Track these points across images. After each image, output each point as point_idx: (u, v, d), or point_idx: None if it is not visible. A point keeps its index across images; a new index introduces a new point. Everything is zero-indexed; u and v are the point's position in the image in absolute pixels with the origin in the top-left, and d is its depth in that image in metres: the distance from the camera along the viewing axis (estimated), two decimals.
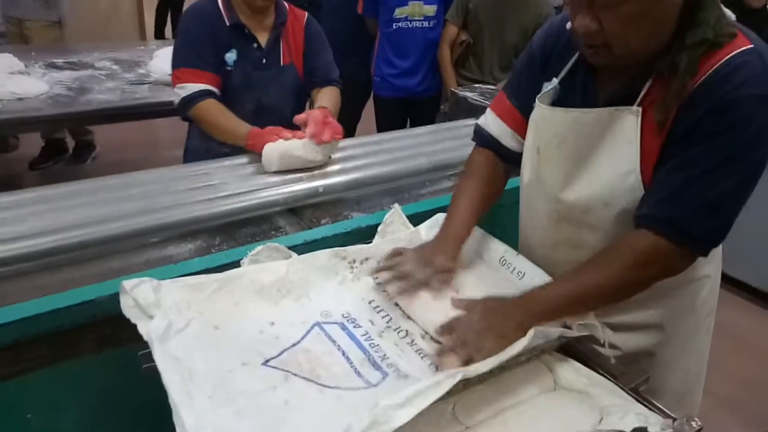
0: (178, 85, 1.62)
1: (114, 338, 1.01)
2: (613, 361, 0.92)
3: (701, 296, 1.11)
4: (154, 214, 1.25)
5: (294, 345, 0.85)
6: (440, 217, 1.21)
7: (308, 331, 0.88)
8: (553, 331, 0.88)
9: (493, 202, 1.14)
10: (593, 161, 0.95)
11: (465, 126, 1.96)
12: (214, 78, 1.64)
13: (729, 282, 2.71)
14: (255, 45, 1.70)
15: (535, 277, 1.02)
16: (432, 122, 2.31)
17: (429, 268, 0.98)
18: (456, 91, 2.09)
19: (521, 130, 1.10)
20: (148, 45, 2.94)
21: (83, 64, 2.58)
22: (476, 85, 2.27)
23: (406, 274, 0.97)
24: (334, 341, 0.86)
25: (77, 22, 3.95)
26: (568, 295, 0.88)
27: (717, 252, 1.11)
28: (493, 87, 2.31)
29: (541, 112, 1.02)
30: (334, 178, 1.49)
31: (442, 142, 1.79)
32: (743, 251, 2.52)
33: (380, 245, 1.09)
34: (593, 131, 0.93)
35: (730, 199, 0.86)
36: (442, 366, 0.82)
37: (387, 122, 2.85)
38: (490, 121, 1.15)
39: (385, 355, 0.86)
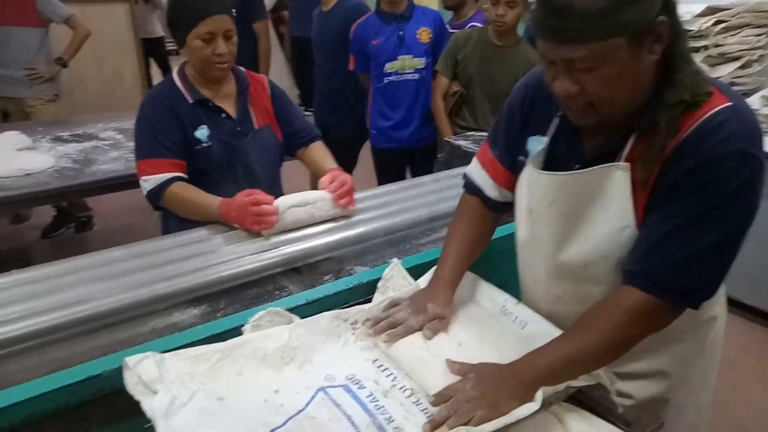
0: (143, 177, 1.59)
1: (122, 411, 1.00)
2: (621, 410, 0.91)
3: (710, 338, 1.10)
4: (157, 284, 1.26)
5: (299, 412, 0.84)
6: None
7: (312, 397, 0.88)
8: (560, 385, 0.87)
9: (484, 246, 1.18)
10: (587, 219, 0.95)
11: (461, 174, 1.98)
12: (179, 164, 1.60)
13: (749, 311, 2.67)
14: (224, 115, 1.68)
15: (537, 326, 1.02)
16: (431, 171, 2.35)
17: (422, 315, 1.02)
18: (449, 140, 2.13)
19: (502, 181, 1.13)
20: None
21: (87, 135, 2.65)
22: (470, 133, 2.31)
23: (399, 322, 1.01)
24: (338, 405, 0.86)
25: (82, 94, 4.10)
26: (562, 360, 0.87)
27: (721, 293, 1.10)
28: (486, 134, 2.36)
29: (531, 174, 1.02)
30: (335, 235, 1.51)
31: (440, 192, 1.81)
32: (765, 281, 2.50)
33: (380, 304, 1.09)
34: (584, 191, 0.94)
35: (716, 253, 0.86)
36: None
37: (387, 173, 2.90)
38: (474, 170, 1.18)
39: (390, 417, 0.86)
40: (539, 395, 0.85)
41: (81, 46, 3.38)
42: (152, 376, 0.84)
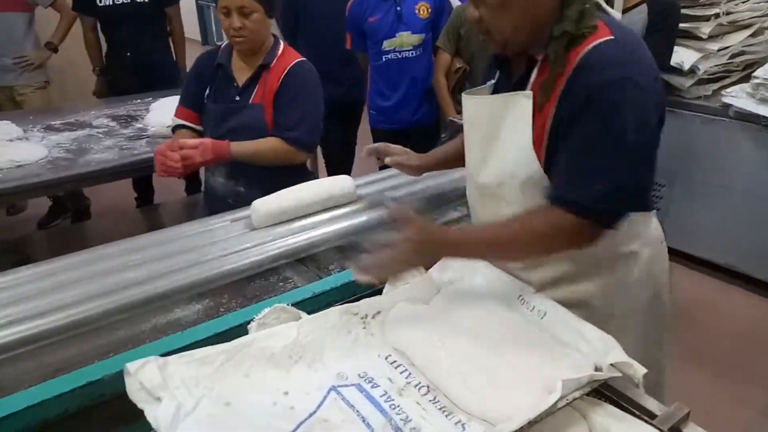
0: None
1: (123, 416, 0.96)
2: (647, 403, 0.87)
3: (634, 275, 1.14)
4: (157, 281, 1.22)
5: (311, 416, 0.80)
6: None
7: (324, 398, 0.83)
8: (584, 376, 0.83)
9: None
10: (499, 141, 1.06)
11: None
12: (191, 114, 1.84)
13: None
14: (234, 84, 1.80)
15: (556, 315, 0.98)
16: None
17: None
18: (454, 119, 2.06)
19: None
20: (144, 98, 2.94)
21: (80, 123, 2.58)
22: None
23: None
24: (352, 406, 0.82)
25: (73, 80, 4.00)
26: (483, 239, 1.01)
27: (646, 230, 1.16)
28: None
29: (463, 101, 1.15)
30: (339, 223, 1.46)
31: (445, 174, 1.76)
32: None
33: (391, 296, 1.04)
34: (496, 114, 1.05)
35: (619, 175, 0.92)
36: (355, 276, 0.96)
37: None
38: None
39: (407, 417, 0.81)
40: (559, 386, 0.80)
41: (70, 29, 3.29)
42: (155, 382, 0.80)
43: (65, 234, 3.41)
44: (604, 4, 0.99)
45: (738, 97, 2.56)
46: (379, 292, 1.13)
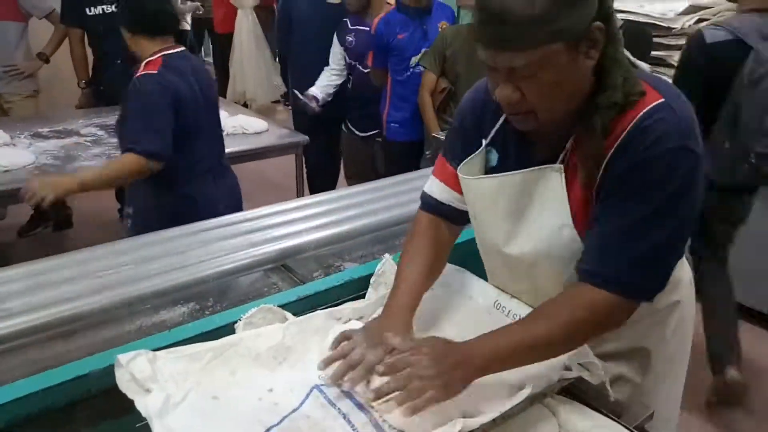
0: None
1: (110, 411, 0.98)
2: (613, 399, 0.92)
3: (673, 324, 1.12)
4: (143, 282, 1.24)
5: (294, 411, 0.83)
6: None
7: (307, 395, 0.87)
8: (553, 374, 0.88)
9: (442, 266, 1.12)
10: (528, 218, 0.97)
11: None
12: None
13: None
14: None
15: None
16: None
17: (379, 348, 0.89)
18: (438, 136, 2.13)
19: None
20: None
21: (68, 131, 2.59)
22: None
23: (356, 362, 0.88)
24: (334, 404, 0.85)
25: (62, 90, 4.00)
26: (513, 346, 0.87)
27: (683, 279, 1.13)
28: None
29: (467, 183, 1.03)
30: (323, 231, 1.50)
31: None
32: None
33: (374, 302, 1.08)
34: (522, 191, 0.96)
35: (665, 249, 0.88)
36: (382, 413, 0.81)
37: (399, 166, 2.87)
38: (435, 188, 1.12)
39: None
40: (530, 383, 0.84)
41: (63, 41, 3.30)
42: (145, 374, 0.82)
43: (46, 241, 3.39)
44: (632, 58, 0.91)
45: None
46: (362, 297, 1.18)
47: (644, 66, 0.94)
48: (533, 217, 0.96)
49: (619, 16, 2.80)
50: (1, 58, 3.14)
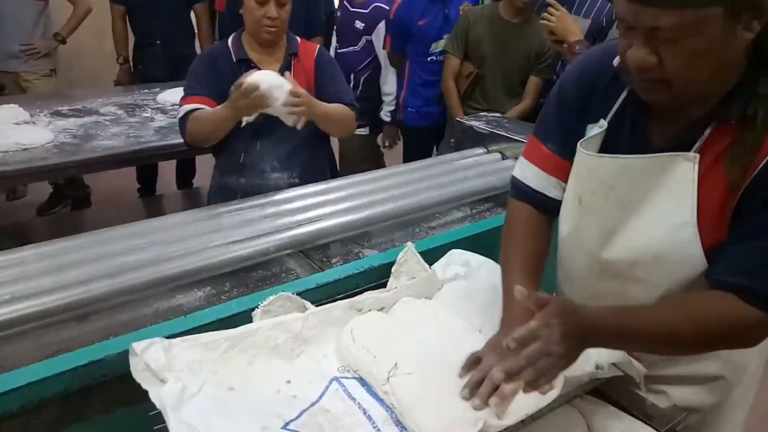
0: (179, 109, 1.68)
1: (125, 397, 0.97)
2: (649, 403, 0.87)
3: (754, 351, 0.98)
4: (161, 265, 1.22)
5: (313, 404, 0.80)
6: (455, 253, 1.18)
7: (326, 388, 0.84)
8: (585, 374, 0.84)
9: (546, 257, 1.02)
10: (643, 211, 0.87)
11: (474, 155, 1.94)
12: (210, 101, 1.65)
13: None
14: None
15: None
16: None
17: (510, 357, 0.76)
18: (461, 120, 2.07)
19: (565, 176, 1.00)
20: (152, 88, 2.94)
21: (88, 110, 2.57)
22: (482, 114, 2.25)
23: (497, 380, 0.76)
24: (353, 399, 0.82)
25: (80, 69, 4.00)
26: (642, 332, 0.80)
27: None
28: (499, 114, 2.29)
29: (586, 159, 0.92)
30: (342, 217, 1.46)
31: (449, 174, 1.77)
32: None
33: (395, 292, 1.05)
34: (644, 179, 0.86)
35: None
36: (503, 394, 0.74)
37: (417, 151, 2.83)
38: (528, 173, 1.03)
39: None
40: (560, 380, 0.79)
41: (81, 23, 3.29)
42: (160, 363, 0.80)
43: (65, 221, 3.41)
44: None
45: None
46: (384, 285, 1.14)
47: None
48: (650, 209, 0.86)
49: None
50: (19, 37, 3.14)
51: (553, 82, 2.47)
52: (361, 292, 1.09)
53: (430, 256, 1.20)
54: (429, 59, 2.74)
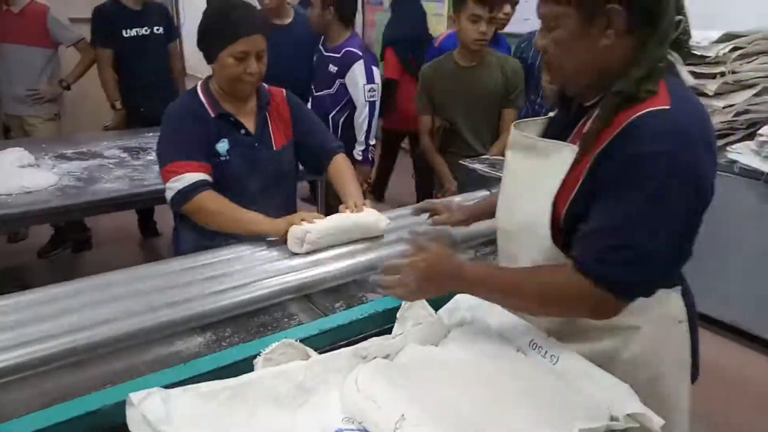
0: (173, 178, 1.55)
1: None
2: None
3: (629, 348, 1.05)
4: (160, 311, 1.20)
5: None
6: (460, 298, 1.16)
7: None
8: (600, 426, 0.80)
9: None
10: (530, 187, 1.03)
11: (476, 198, 1.93)
12: (207, 167, 1.59)
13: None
14: (243, 131, 1.68)
15: (570, 360, 0.95)
16: None
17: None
18: (465, 163, 2.07)
19: None
20: (154, 130, 2.97)
21: (92, 153, 2.59)
22: (483, 157, 2.25)
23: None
24: None
25: (86, 113, 4.06)
26: (504, 286, 0.98)
27: (657, 306, 1.04)
28: (501, 158, 2.29)
29: (514, 134, 1.11)
30: (347, 260, 1.45)
31: None
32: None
33: (400, 339, 1.02)
34: (536, 160, 1.02)
35: (648, 251, 0.88)
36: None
37: (428, 184, 2.84)
38: None
39: None
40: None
41: (87, 70, 3.37)
42: (158, 415, 0.77)
43: (66, 263, 3.39)
44: (679, 67, 0.94)
45: (743, 153, 2.58)
46: (389, 331, 1.11)
47: (688, 79, 0.96)
48: (535, 185, 1.01)
49: None
50: (26, 82, 3.22)
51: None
52: (365, 338, 1.06)
53: (437, 301, 1.18)
54: None
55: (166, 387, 0.87)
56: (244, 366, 0.97)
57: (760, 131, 2.56)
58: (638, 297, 0.94)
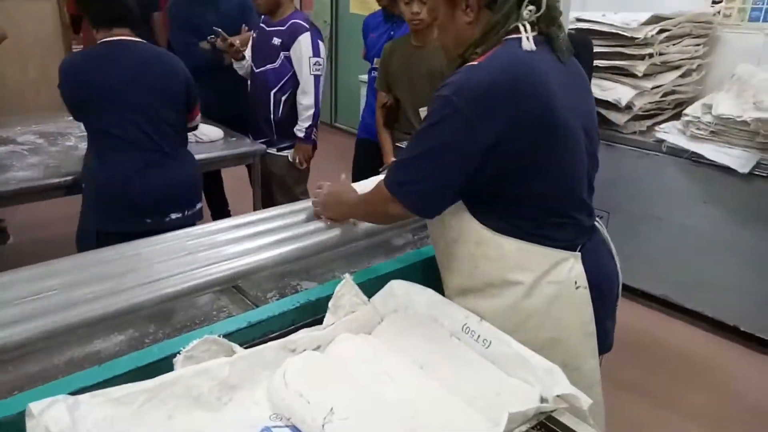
0: None
1: None
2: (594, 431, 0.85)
3: (522, 304, 1.11)
4: (76, 308, 1.11)
5: None
6: (394, 284, 1.14)
7: None
8: (530, 408, 0.80)
9: None
10: None
11: None
12: None
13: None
14: None
15: (502, 345, 0.95)
16: None
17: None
18: (399, 145, 2.05)
19: None
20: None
21: (4, 139, 2.40)
22: None
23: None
24: None
25: (5, 94, 3.77)
26: (355, 202, 1.35)
27: (546, 266, 1.12)
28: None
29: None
30: (278, 248, 1.39)
31: None
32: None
33: (332, 329, 0.99)
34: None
35: (412, 165, 1.09)
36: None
37: (365, 166, 2.76)
38: None
39: None
40: (504, 419, 0.77)
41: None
42: (63, 425, 0.70)
43: None
44: (523, 31, 1.06)
45: (670, 133, 2.69)
46: (320, 321, 1.08)
47: (526, 45, 1.06)
48: None
49: (582, 25, 2.80)
50: None
51: None
52: (297, 329, 1.02)
53: (370, 287, 1.15)
54: (373, 74, 2.79)
55: (79, 392, 0.81)
56: (166, 365, 0.91)
57: (685, 111, 2.66)
58: (404, 203, 1.11)
